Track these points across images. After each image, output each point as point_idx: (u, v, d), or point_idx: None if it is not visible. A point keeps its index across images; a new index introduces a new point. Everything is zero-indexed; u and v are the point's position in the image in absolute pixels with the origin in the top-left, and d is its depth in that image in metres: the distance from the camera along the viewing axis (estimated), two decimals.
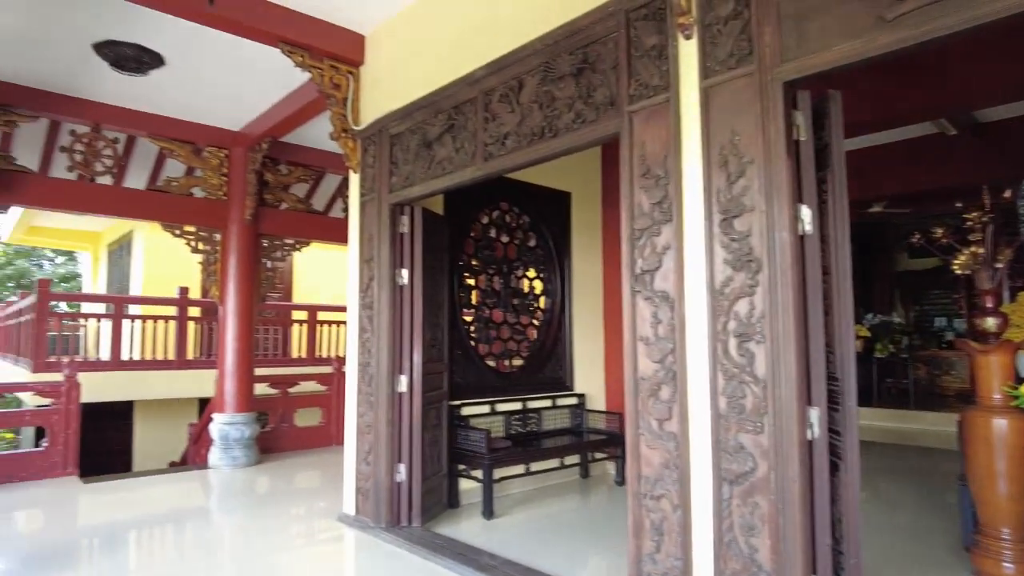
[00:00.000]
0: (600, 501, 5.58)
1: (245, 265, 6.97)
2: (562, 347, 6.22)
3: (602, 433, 5.99)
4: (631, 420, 2.83)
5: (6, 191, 5.81)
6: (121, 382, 9.02)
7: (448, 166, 4.00)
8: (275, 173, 7.37)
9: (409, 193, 4.32)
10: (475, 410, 5.43)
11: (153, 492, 6.17)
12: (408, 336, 4.52)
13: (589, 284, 6.48)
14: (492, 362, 5.72)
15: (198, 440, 7.88)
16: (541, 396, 5.98)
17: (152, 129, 6.51)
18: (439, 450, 4.81)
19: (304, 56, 4.67)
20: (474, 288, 5.64)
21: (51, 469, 6.09)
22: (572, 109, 3.21)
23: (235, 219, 6.98)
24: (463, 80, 3.86)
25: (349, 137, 4.84)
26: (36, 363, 8.42)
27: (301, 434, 7.89)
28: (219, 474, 6.60)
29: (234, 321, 6.90)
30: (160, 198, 6.72)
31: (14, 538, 4.71)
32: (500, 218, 5.84)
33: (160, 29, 4.76)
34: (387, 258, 4.49)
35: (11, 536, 4.76)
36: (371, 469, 4.47)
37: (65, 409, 6.21)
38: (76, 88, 5.83)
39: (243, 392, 6.89)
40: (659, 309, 2.74)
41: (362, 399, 4.62)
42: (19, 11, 4.50)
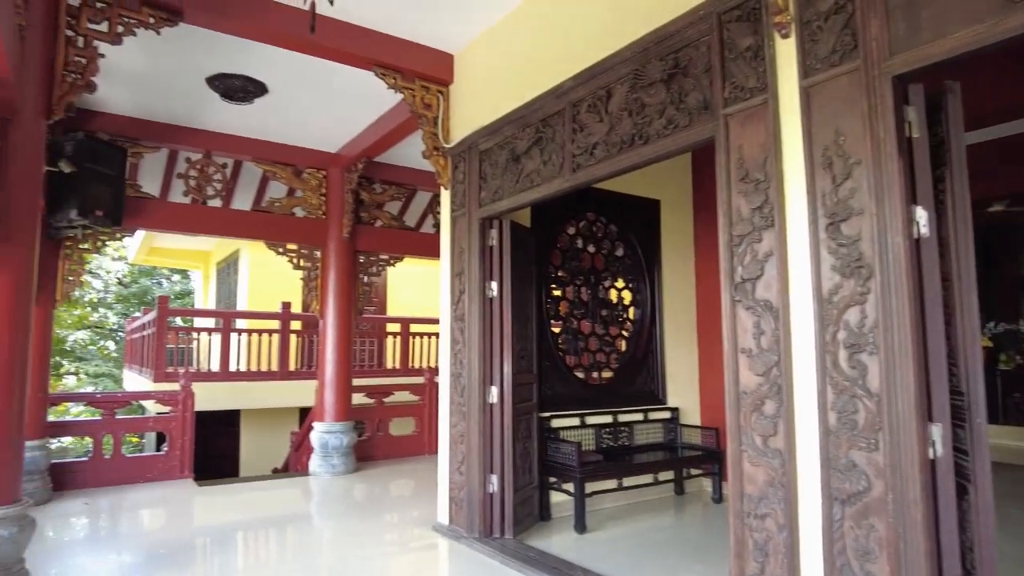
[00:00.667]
0: (696, 519, 5.39)
1: (343, 280, 7.27)
2: (653, 359, 6.08)
3: (698, 449, 5.80)
4: (733, 435, 2.72)
5: (134, 216, 6.34)
6: (229, 392, 9.60)
7: (536, 179, 4.02)
8: (370, 192, 7.66)
9: (498, 207, 4.38)
10: (565, 422, 5.39)
11: (259, 496, 6.52)
12: (498, 347, 4.56)
13: (681, 294, 6.32)
14: (581, 374, 5.67)
15: (299, 448, 8.26)
16: (632, 409, 5.87)
17: (256, 153, 6.93)
18: (530, 462, 4.80)
19: (396, 78, 4.85)
20: (561, 299, 5.62)
21: (170, 472, 6.55)
22: (663, 115, 3.16)
23: (333, 237, 7.30)
24: (551, 93, 3.88)
25: (440, 155, 4.97)
26: (157, 373, 9.13)
27: (395, 443, 8.11)
28: (319, 481, 6.88)
29: (333, 334, 7.20)
30: (264, 218, 7.14)
31: (140, 535, 5.09)
32: (587, 228, 5.81)
33: (264, 60, 5.07)
34: (477, 271, 4.56)
35: (138, 533, 5.15)
36: (464, 479, 4.53)
37: (182, 416, 6.68)
38: (191, 119, 6.31)
39: (341, 402, 7.17)
40: (762, 319, 2.62)
41: (454, 409, 4.69)
42: (144, 53, 4.92)
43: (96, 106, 5.95)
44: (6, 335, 3.31)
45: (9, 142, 3.36)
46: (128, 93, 5.73)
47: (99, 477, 6.23)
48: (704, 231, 6.34)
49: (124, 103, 5.94)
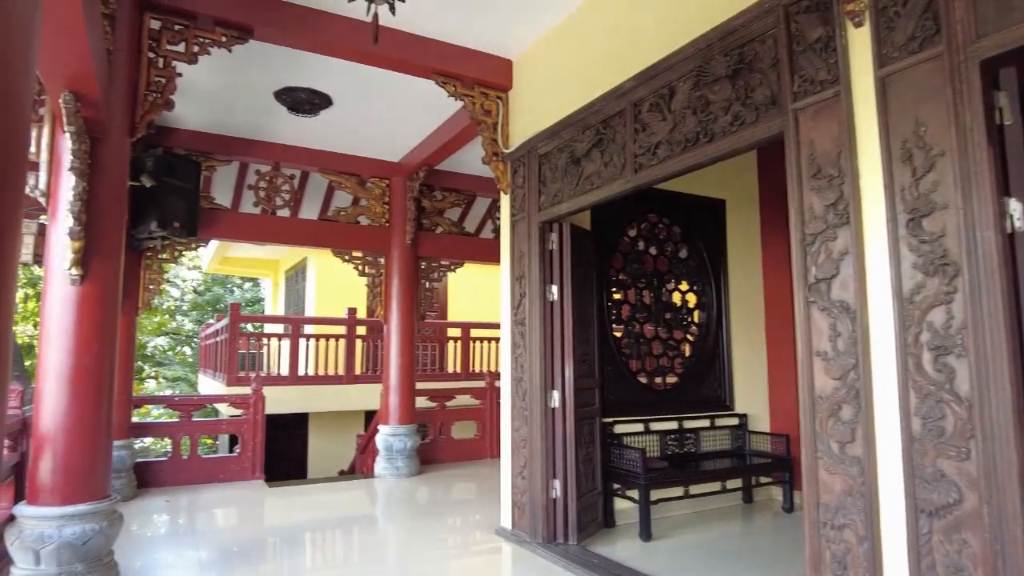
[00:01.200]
0: (766, 528, 5.21)
1: (406, 286, 7.40)
2: (720, 363, 5.92)
3: (767, 456, 5.61)
4: (807, 442, 2.61)
5: (208, 226, 6.63)
6: (297, 395, 9.90)
7: (596, 181, 3.98)
8: (431, 199, 7.78)
9: (557, 210, 4.36)
10: (628, 428, 5.31)
11: (325, 498, 6.69)
12: (559, 352, 4.53)
13: (748, 296, 6.13)
14: (644, 379, 5.57)
15: (365, 450, 8.43)
16: (698, 415, 5.72)
17: (322, 164, 7.14)
18: (593, 468, 4.75)
19: (456, 86, 4.90)
20: (623, 303, 5.54)
21: (242, 473, 6.80)
22: (729, 112, 3.07)
23: (396, 244, 7.44)
24: (611, 93, 3.84)
25: (499, 160, 4.99)
26: (229, 377, 9.51)
27: (457, 446, 8.18)
28: (384, 483, 7.00)
29: (397, 338, 7.33)
30: (330, 227, 7.34)
31: (215, 532, 5.30)
32: (649, 230, 5.71)
33: (328, 73, 5.22)
34: (537, 275, 4.55)
35: (213, 530, 5.37)
36: (527, 484, 4.51)
37: (253, 419, 6.93)
38: (260, 132, 6.56)
39: (405, 405, 7.28)
40: (838, 321, 2.51)
41: (516, 413, 4.69)
42: (216, 71, 5.15)
43: (173, 123, 6.26)
44: (96, 342, 3.50)
45: (98, 160, 3.56)
46: (202, 110, 6.01)
47: (177, 476, 6.53)
48: (772, 231, 6.14)
49: (198, 119, 6.23)
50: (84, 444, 3.40)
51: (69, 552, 3.24)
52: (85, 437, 3.40)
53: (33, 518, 3.24)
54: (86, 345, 3.45)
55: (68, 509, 3.26)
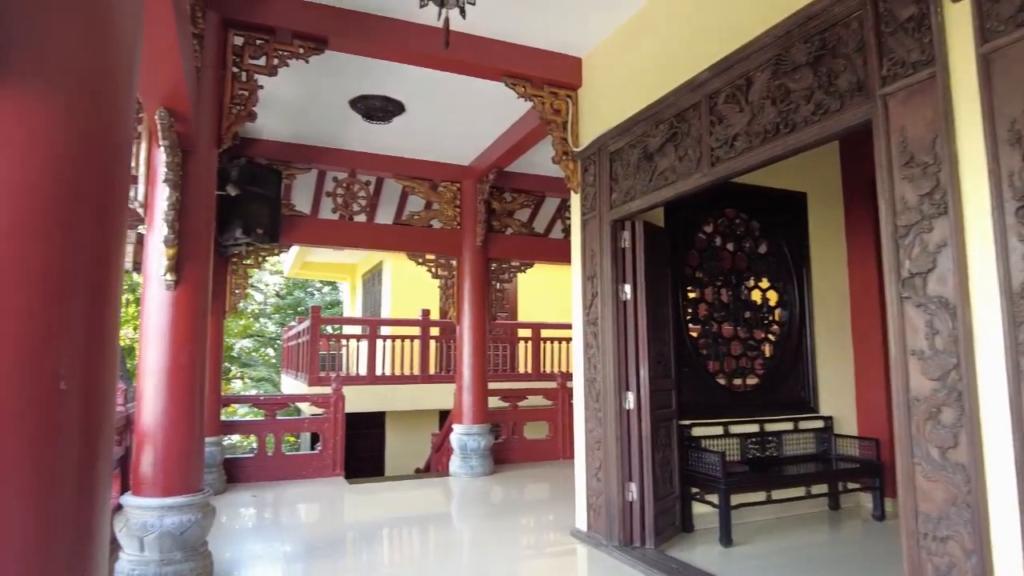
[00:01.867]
0: (854, 537, 4.96)
1: (477, 287, 7.47)
2: (803, 364, 5.67)
3: (855, 461, 5.34)
4: (903, 447, 2.45)
5: (289, 232, 6.91)
6: (375, 395, 10.18)
7: (671, 176, 3.89)
8: (500, 201, 7.83)
9: (630, 208, 4.29)
10: (706, 431, 5.16)
11: (402, 495, 6.84)
12: (633, 352, 4.46)
13: (833, 293, 5.85)
14: (723, 380, 5.40)
15: (439, 449, 8.57)
16: (780, 418, 5.50)
17: (396, 170, 7.31)
18: (670, 471, 4.64)
19: (526, 86, 4.91)
20: (700, 302, 5.40)
21: (323, 470, 7.04)
22: (811, 100, 2.93)
23: (468, 246, 7.52)
24: (685, 86, 3.74)
25: (569, 159, 4.96)
26: (311, 377, 9.88)
27: (530, 447, 8.19)
28: (458, 481, 7.09)
29: (469, 339, 7.41)
30: (404, 231, 7.50)
31: (299, 526, 5.51)
32: (726, 226, 5.54)
33: (400, 80, 5.33)
34: (609, 274, 4.49)
35: (297, 524, 5.58)
36: (602, 486, 4.46)
37: (333, 418, 7.16)
38: (336, 141, 6.78)
39: (478, 405, 7.35)
40: (935, 317, 2.35)
41: (590, 415, 4.64)
42: (293, 83, 5.35)
43: (255, 134, 6.55)
44: (189, 343, 3.70)
45: (188, 171, 3.76)
46: (281, 120, 6.26)
47: (263, 472, 6.83)
48: (857, 224, 5.83)
49: (278, 130, 6.50)
50: (179, 440, 3.60)
51: (169, 541, 3.44)
52: (180, 433, 3.60)
53: (137, 508, 3.46)
54: (180, 346, 3.65)
55: (167, 500, 3.47)
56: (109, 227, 1.29)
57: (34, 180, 1.15)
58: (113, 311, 1.29)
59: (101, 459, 1.20)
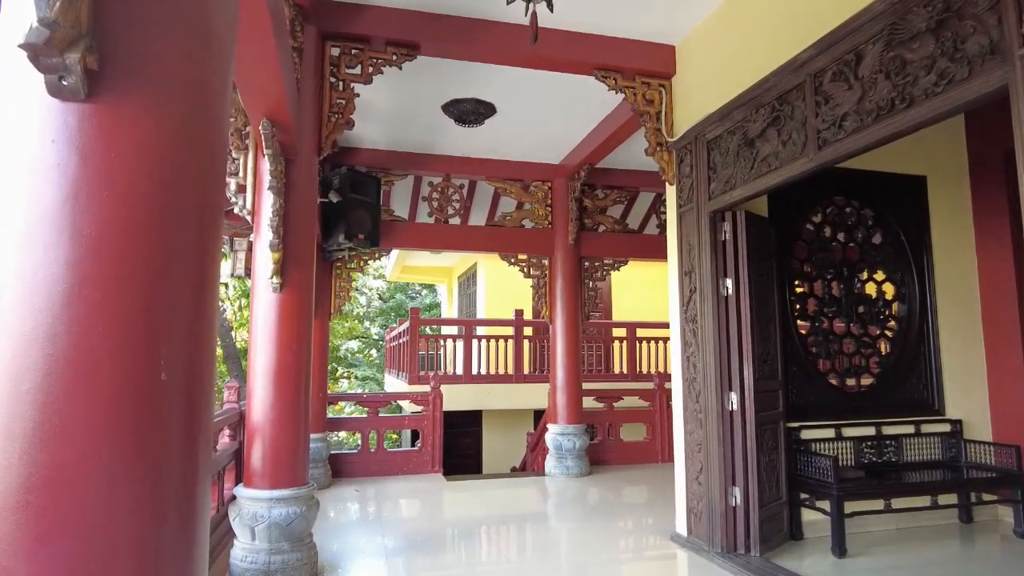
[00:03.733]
0: (990, 554, 4.50)
1: (570, 286, 7.41)
2: (925, 362, 5.21)
3: (990, 470, 4.83)
4: None
5: (388, 237, 7.13)
6: (471, 394, 10.33)
7: (774, 162, 3.67)
8: (592, 198, 7.72)
9: (730, 197, 4.09)
10: (816, 434, 4.84)
11: (499, 493, 6.88)
12: (736, 350, 4.24)
13: (959, 284, 5.34)
14: (835, 380, 5.05)
15: (535, 448, 8.57)
16: (900, 420, 5.07)
17: (488, 172, 7.38)
18: (777, 475, 4.38)
19: (617, 79, 4.80)
20: (809, 296, 5.07)
21: (422, 466, 7.21)
22: (932, 70, 2.67)
23: (560, 245, 7.47)
24: (786, 67, 3.52)
25: (664, 150, 4.81)
26: (411, 376, 10.17)
27: (626, 448, 8.02)
28: (554, 481, 7.04)
29: (562, 338, 7.36)
30: (497, 231, 7.56)
31: (399, 521, 5.66)
32: (836, 215, 5.17)
33: (491, 81, 5.36)
34: (708, 268, 4.30)
35: (397, 519, 5.74)
36: (703, 489, 4.28)
37: (432, 416, 7.31)
38: (431, 146, 6.93)
39: (572, 405, 7.28)
40: None
41: (689, 416, 4.46)
42: (388, 91, 5.51)
43: (355, 143, 6.81)
44: (294, 343, 3.88)
45: (291, 179, 3.94)
46: (378, 129, 6.47)
47: (366, 468, 7.07)
48: (988, 206, 5.29)
49: (376, 138, 6.72)
50: (286, 435, 3.77)
51: (277, 531, 3.61)
52: (286, 429, 3.78)
53: (249, 499, 3.66)
54: (285, 346, 3.83)
55: (275, 493, 3.64)
56: (206, 228, 1.34)
57: (141, 182, 1.22)
58: (210, 307, 1.35)
59: (199, 445, 1.25)
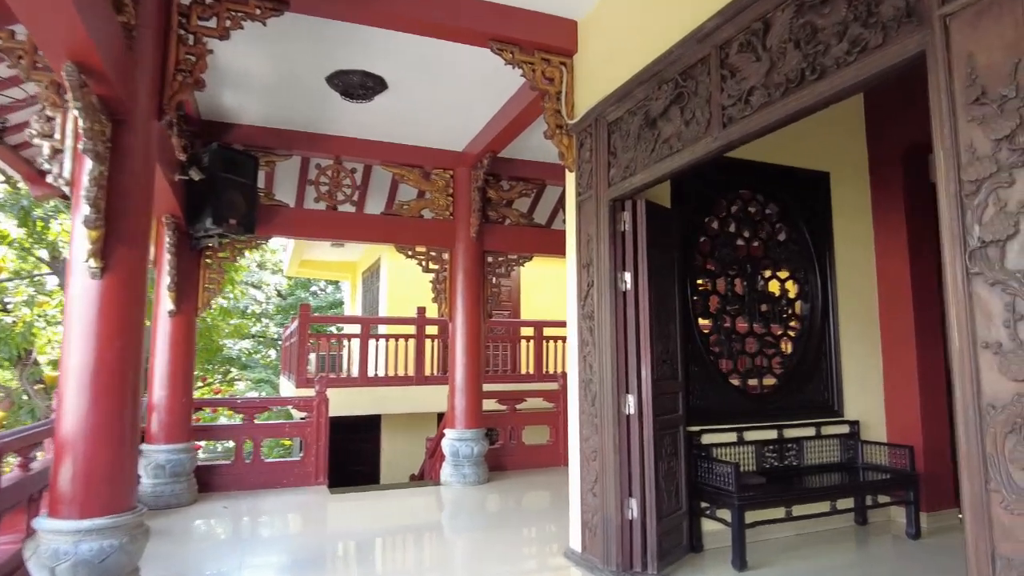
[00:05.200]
0: (887, 557, 4.41)
1: (472, 282, 6.95)
2: (827, 363, 5.10)
3: (885, 471, 4.77)
4: (971, 468, 1.90)
5: (268, 223, 6.43)
6: (370, 398, 9.67)
7: (676, 143, 3.34)
8: (497, 189, 7.31)
9: (630, 183, 3.74)
10: (718, 438, 4.60)
11: (388, 506, 6.32)
12: (634, 349, 3.91)
13: (858, 284, 5.27)
14: (737, 381, 4.84)
15: (433, 455, 8.05)
16: (801, 423, 4.93)
17: (384, 157, 6.81)
18: (677, 484, 4.09)
19: (514, 52, 4.38)
20: (711, 293, 4.84)
21: (305, 478, 6.54)
22: (845, 37, 2.38)
23: (461, 237, 7.01)
24: (691, 37, 3.19)
25: (564, 133, 4.43)
26: (299, 379, 9.38)
27: (529, 452, 7.66)
28: (450, 491, 6.56)
29: (463, 337, 6.89)
30: (393, 221, 6.99)
31: (268, 541, 5.00)
32: (741, 209, 4.97)
33: (380, 53, 4.84)
34: (607, 261, 3.94)
35: (267, 539, 5.07)
36: (599, 502, 3.91)
37: (316, 422, 6.66)
38: (317, 124, 6.29)
39: (472, 408, 6.83)
40: (1019, 299, 1.79)
41: (585, 421, 4.09)
42: (265, 59, 4.88)
43: (230, 117, 6.08)
44: (119, 338, 3.20)
45: (120, 143, 3.25)
46: (257, 102, 5.78)
47: (240, 481, 6.34)
48: (885, 206, 5.26)
49: (255, 113, 6.02)
50: (104, 450, 3.09)
51: (86, 571, 2.93)
52: (104, 442, 3.10)
53: (49, 532, 2.96)
54: (107, 342, 3.15)
55: (84, 523, 2.96)
56: None
57: None
58: None
59: None
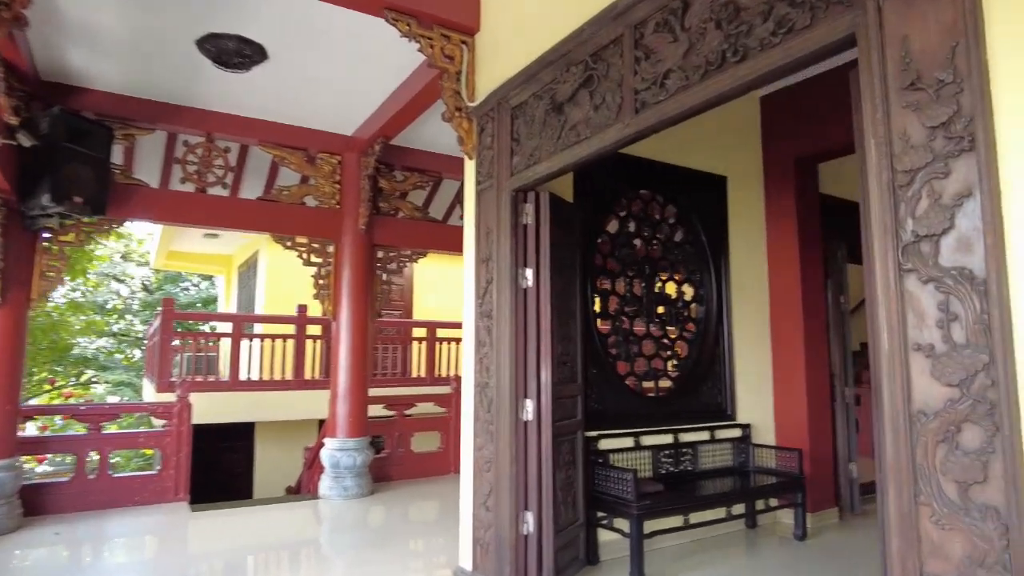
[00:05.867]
0: (780, 561, 4.41)
1: (359, 277, 6.46)
2: (721, 366, 5.10)
3: (774, 474, 4.81)
4: (899, 478, 1.76)
5: (123, 204, 5.62)
6: (244, 403, 8.85)
7: (584, 130, 3.11)
8: (390, 180, 6.86)
9: (534, 173, 3.47)
10: (615, 443, 4.45)
11: (259, 524, 5.70)
12: (534, 350, 3.65)
13: (752, 287, 5.33)
14: (633, 383, 4.72)
15: (312, 465, 7.44)
16: (696, 427, 4.89)
17: (263, 136, 6.18)
18: (574, 494, 3.87)
19: (411, 24, 4.00)
20: (611, 294, 4.68)
21: (163, 494, 5.77)
22: (769, 17, 2.22)
23: (348, 229, 6.50)
24: (603, 16, 2.97)
25: (463, 117, 4.10)
26: (160, 382, 8.40)
27: (418, 461, 7.24)
28: (329, 505, 6.03)
29: (348, 338, 6.38)
30: (271, 208, 6.35)
31: (103, 572, 4.30)
32: (641, 210, 4.87)
33: (258, 16, 4.31)
34: (508, 256, 3.66)
35: (101, 570, 4.36)
36: (492, 516, 3.60)
37: (176, 431, 5.91)
38: (187, 96, 5.58)
39: (356, 414, 6.33)
40: (953, 297, 1.66)
41: (480, 428, 3.78)
42: (120, 11, 4.20)
43: (80, 81, 5.25)
44: None
45: None
46: (116, 65, 5.02)
47: (81, 500, 5.47)
48: (778, 213, 5.35)
49: (110, 77, 5.24)
50: None
51: None
52: None
53: None
54: None
55: None
56: None
57: None
58: None
59: None
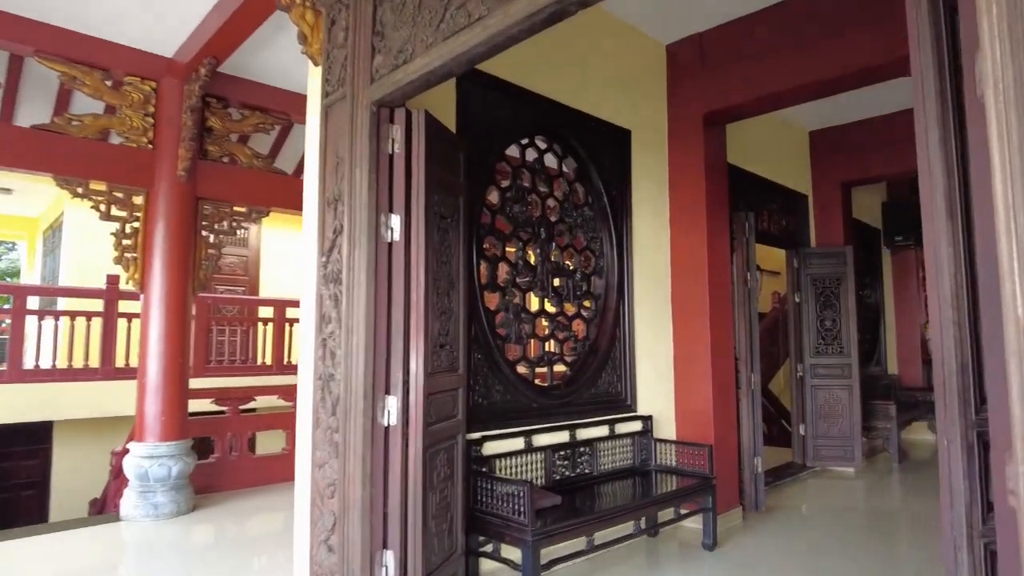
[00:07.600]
0: None
1: (177, 238, 5.07)
2: (620, 349, 4.36)
3: (681, 474, 4.16)
4: None
5: None
6: (36, 398, 7.06)
7: (479, 6, 2.14)
8: (223, 118, 5.48)
9: (404, 75, 2.45)
10: (503, 446, 3.56)
11: (31, 559, 4.22)
12: (401, 329, 2.65)
13: (653, 257, 4.66)
14: (525, 370, 3.85)
15: (120, 474, 5.94)
16: (594, 421, 4.13)
17: (44, 45, 4.62)
18: (451, 519, 2.92)
19: None
20: (500, 260, 3.77)
21: None
22: None
23: (164, 175, 5.08)
24: None
25: (306, 6, 2.97)
26: None
27: (259, 466, 5.97)
28: (136, 529, 4.65)
29: (161, 315, 4.99)
30: (54, 140, 4.78)
31: None
32: (537, 160, 3.98)
33: None
34: (365, 196, 2.61)
35: None
36: (336, 560, 2.57)
37: None
38: None
39: (172, 413, 4.98)
40: None
41: (321, 437, 2.71)
42: None
43: None
44: None
45: None
46: None
47: None
48: (684, 174, 4.70)
49: None
50: None
51: None
52: None
53: None
54: None
55: None
56: None
57: None
58: None
59: None
